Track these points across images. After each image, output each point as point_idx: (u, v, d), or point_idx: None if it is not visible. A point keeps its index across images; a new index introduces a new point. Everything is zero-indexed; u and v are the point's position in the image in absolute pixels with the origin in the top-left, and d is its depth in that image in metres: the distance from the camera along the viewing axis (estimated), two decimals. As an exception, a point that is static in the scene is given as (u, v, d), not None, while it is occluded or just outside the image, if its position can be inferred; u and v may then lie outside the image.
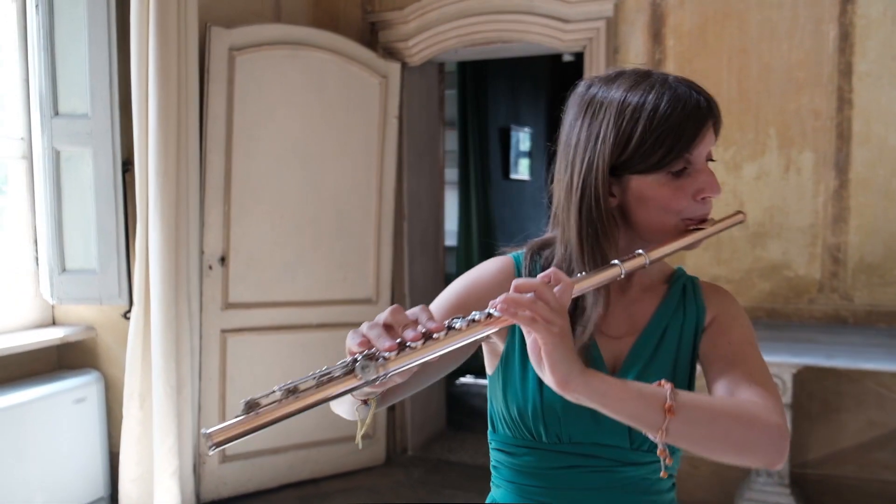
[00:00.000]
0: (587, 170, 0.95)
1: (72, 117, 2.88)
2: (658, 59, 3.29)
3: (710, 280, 3.11)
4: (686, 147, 0.94)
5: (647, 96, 0.94)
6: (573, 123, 0.99)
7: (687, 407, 0.81)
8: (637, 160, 0.94)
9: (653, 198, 0.95)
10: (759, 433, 0.84)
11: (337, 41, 3.55)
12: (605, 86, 0.98)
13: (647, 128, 0.92)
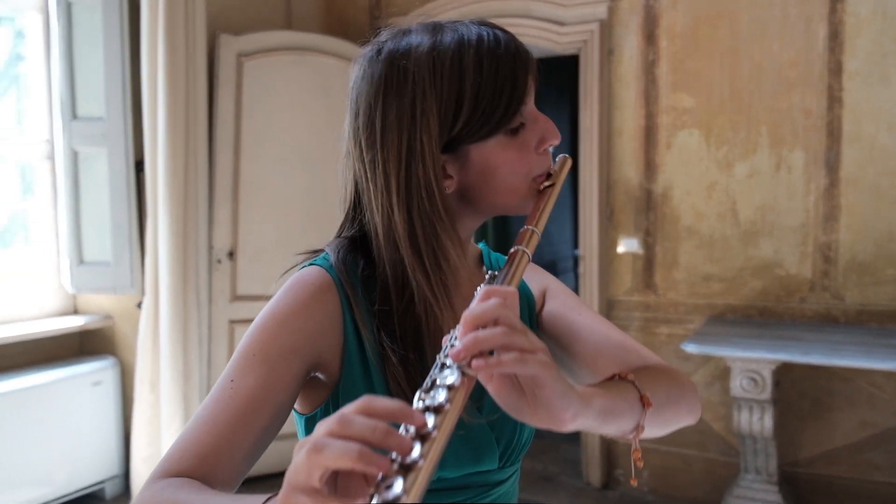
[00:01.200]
0: (409, 155, 0.78)
1: (89, 120, 3.10)
2: (651, 59, 3.34)
3: (703, 277, 3.14)
4: (521, 97, 0.81)
5: (462, 50, 0.78)
6: (374, 100, 0.80)
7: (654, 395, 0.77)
8: (473, 126, 0.79)
9: (499, 164, 0.81)
10: (690, 396, 0.85)
11: (342, 46, 3.70)
12: (399, 39, 0.82)
13: (478, 84, 0.78)
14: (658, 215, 3.36)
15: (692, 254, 3.30)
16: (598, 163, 3.40)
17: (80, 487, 3.19)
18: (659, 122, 3.33)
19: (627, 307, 3.44)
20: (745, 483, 3.02)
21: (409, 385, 0.79)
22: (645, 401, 0.75)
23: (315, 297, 0.82)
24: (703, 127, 3.25)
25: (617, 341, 0.90)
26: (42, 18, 3.20)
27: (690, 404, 0.85)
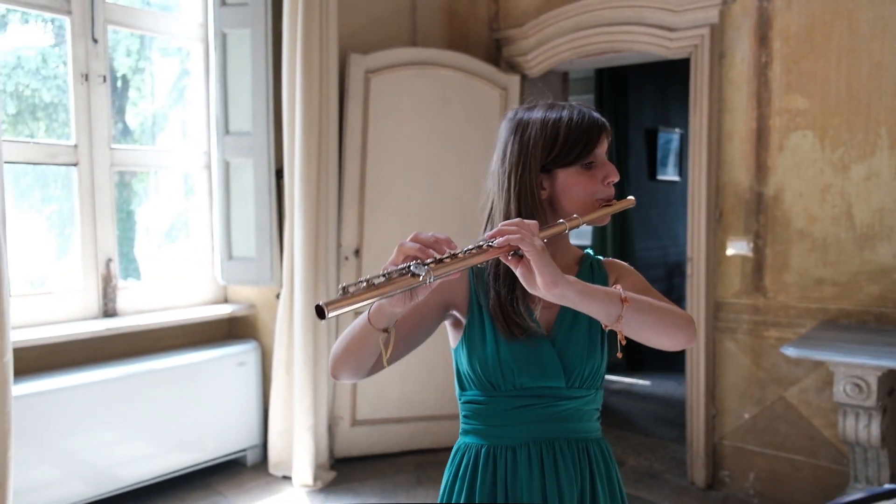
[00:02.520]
0: (523, 171, 1.27)
1: (238, 135, 3.56)
2: (764, 61, 3.33)
3: (816, 281, 3.13)
4: (593, 145, 1.29)
5: (562, 112, 1.30)
6: (507, 140, 1.32)
7: (635, 299, 1.15)
8: (561, 157, 1.27)
9: (574, 184, 1.28)
10: (681, 319, 1.21)
11: (460, 59, 3.95)
12: (527, 111, 1.33)
13: (566, 133, 1.27)
14: (769, 218, 3.34)
15: (804, 257, 3.25)
16: (706, 166, 3.44)
17: (226, 453, 3.66)
18: (771, 124, 3.32)
19: (735, 309, 3.44)
20: (853, 492, 2.96)
21: (503, 312, 1.28)
22: (623, 299, 1.12)
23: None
24: (817, 128, 3.20)
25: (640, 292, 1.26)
26: (203, 48, 3.71)
27: (678, 323, 1.20)
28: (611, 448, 1.40)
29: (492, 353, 1.28)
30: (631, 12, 3.68)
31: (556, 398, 1.29)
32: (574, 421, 1.31)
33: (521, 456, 1.29)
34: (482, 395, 1.32)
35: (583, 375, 1.31)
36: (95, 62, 3.29)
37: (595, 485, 1.32)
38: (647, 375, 5.65)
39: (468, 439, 1.35)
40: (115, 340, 3.43)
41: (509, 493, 1.29)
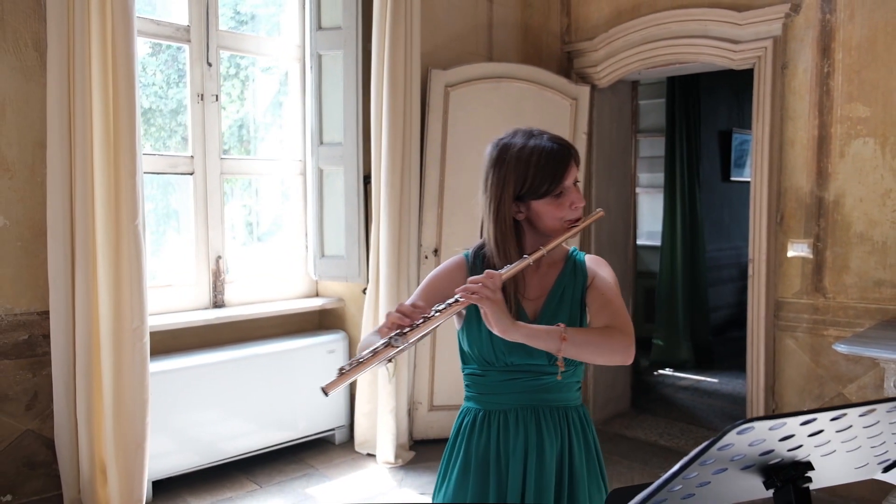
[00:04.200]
0: (500, 201, 1.54)
1: (331, 145, 3.95)
2: (826, 72, 3.47)
3: (875, 283, 3.28)
4: (560, 179, 1.53)
5: (535, 148, 1.53)
6: (489, 170, 1.58)
7: (573, 337, 1.45)
8: (532, 191, 1.53)
9: (545, 212, 1.54)
10: (614, 344, 1.48)
11: (533, 72, 4.23)
12: (508, 144, 1.57)
13: (535, 172, 1.52)
14: (829, 221, 3.48)
15: (864, 259, 3.38)
16: (768, 171, 3.60)
17: (317, 432, 4.07)
18: (832, 131, 3.45)
19: (796, 309, 3.59)
20: (910, 486, 3.09)
21: None
22: (562, 338, 1.42)
23: (453, 264, 1.68)
24: (878, 136, 3.33)
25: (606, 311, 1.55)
26: (299, 66, 4.13)
27: (611, 349, 1.47)
28: (588, 414, 1.67)
29: (487, 338, 1.56)
30: (696, 25, 3.87)
31: (540, 373, 1.57)
32: (555, 392, 1.58)
33: (511, 419, 1.58)
34: (479, 369, 1.61)
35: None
36: (209, 83, 3.75)
37: (572, 443, 1.59)
38: (715, 373, 5.77)
39: (469, 404, 1.65)
40: (223, 328, 3.88)
41: (501, 448, 1.58)
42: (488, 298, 1.40)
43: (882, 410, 0.94)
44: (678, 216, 5.84)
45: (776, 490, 1.05)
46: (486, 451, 1.59)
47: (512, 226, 1.56)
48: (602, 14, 4.33)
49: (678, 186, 5.83)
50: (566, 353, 1.44)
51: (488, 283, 1.41)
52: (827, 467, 1.09)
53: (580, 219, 1.57)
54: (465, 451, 1.61)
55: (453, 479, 1.62)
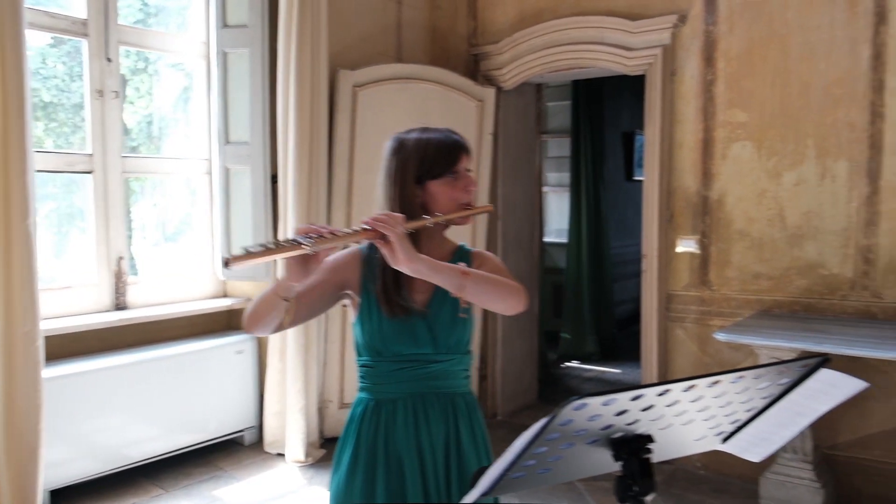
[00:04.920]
0: (402, 183, 1.62)
1: (237, 144, 3.93)
2: (710, 79, 3.71)
3: (753, 276, 3.49)
4: (455, 162, 1.64)
5: (431, 136, 1.65)
6: (391, 159, 1.65)
7: (475, 274, 1.52)
8: (430, 172, 1.62)
9: (441, 193, 1.63)
10: (512, 289, 1.57)
11: (440, 73, 4.33)
12: (406, 136, 1.67)
13: (434, 153, 1.62)
14: (713, 219, 3.73)
15: (743, 254, 3.64)
16: (659, 171, 3.82)
17: (226, 433, 4.04)
18: (715, 135, 3.70)
19: (684, 301, 3.83)
20: (783, 461, 3.36)
21: (386, 295, 1.62)
22: (465, 273, 1.50)
23: (349, 253, 1.70)
24: (755, 140, 3.59)
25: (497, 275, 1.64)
26: (205, 64, 4.08)
27: (509, 292, 1.57)
28: (476, 400, 1.76)
29: (377, 327, 1.63)
30: (594, 32, 4.06)
31: (427, 362, 1.65)
32: (442, 379, 1.67)
33: (399, 407, 1.65)
34: (371, 360, 1.67)
35: (448, 343, 1.66)
36: (109, 79, 3.66)
37: (459, 428, 1.67)
38: (619, 364, 6.04)
39: (362, 394, 1.70)
40: (126, 331, 3.79)
41: (389, 435, 1.64)
42: (392, 226, 1.44)
43: (703, 385, 1.06)
44: (583, 214, 6.07)
45: (623, 462, 1.17)
46: (375, 439, 1.65)
47: (415, 209, 1.62)
48: (507, 18, 4.47)
49: (583, 185, 6.07)
50: (467, 291, 1.49)
51: (393, 216, 1.47)
52: (668, 440, 1.21)
53: (472, 204, 1.67)
54: (356, 441, 1.67)
55: (343, 469, 1.67)
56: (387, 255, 1.46)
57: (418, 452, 1.64)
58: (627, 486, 1.15)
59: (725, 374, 1.07)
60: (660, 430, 1.15)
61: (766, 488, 3.39)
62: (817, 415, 1.26)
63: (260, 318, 1.55)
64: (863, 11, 3.26)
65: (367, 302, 1.65)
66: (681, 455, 1.34)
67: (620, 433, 1.12)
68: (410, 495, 1.63)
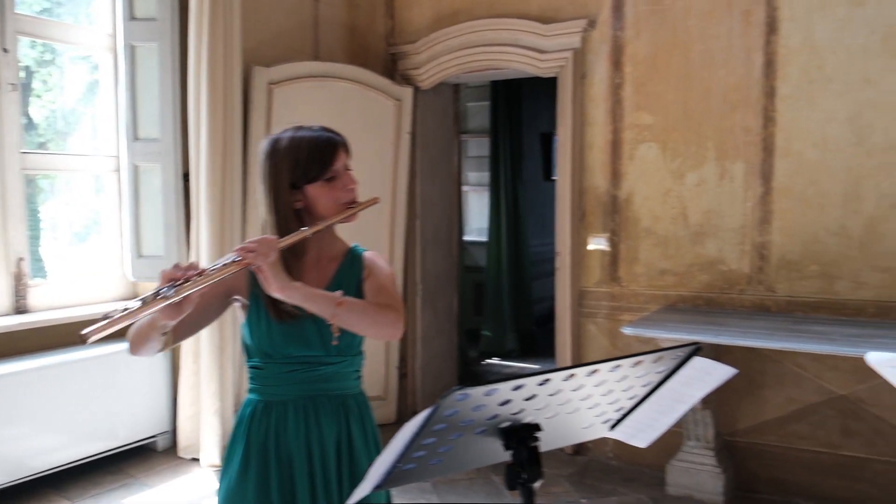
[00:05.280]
0: (276, 190, 1.59)
1: (147, 141, 3.82)
2: (618, 82, 3.85)
3: (659, 272, 3.64)
4: (330, 162, 1.60)
5: (303, 137, 1.60)
6: (264, 163, 1.62)
7: (348, 303, 1.52)
8: (305, 176, 1.58)
9: (320, 196, 1.60)
10: (386, 319, 1.57)
11: (358, 72, 4.32)
12: (279, 137, 1.62)
13: (306, 156, 1.58)
14: (622, 218, 3.87)
15: (650, 251, 3.80)
16: (570, 171, 3.94)
17: (138, 439, 3.92)
18: (623, 137, 3.85)
19: (596, 297, 3.96)
20: (688, 448, 3.53)
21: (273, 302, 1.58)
22: (339, 303, 1.50)
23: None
24: (660, 141, 3.75)
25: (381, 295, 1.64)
26: (112, 57, 3.94)
27: (382, 323, 1.57)
28: (367, 400, 1.76)
29: (265, 331, 1.62)
30: (508, 34, 4.14)
31: (318, 364, 1.64)
32: (334, 381, 1.66)
33: (290, 408, 1.64)
34: (260, 362, 1.66)
35: (339, 346, 1.64)
36: (6, 71, 3.49)
37: (350, 429, 1.68)
38: (538, 360, 6.17)
39: (252, 396, 1.69)
40: (28, 336, 3.62)
41: (280, 437, 1.63)
42: (263, 255, 1.42)
43: (582, 375, 1.12)
44: (503, 213, 6.18)
45: (513, 451, 1.21)
46: (266, 440, 1.63)
47: (293, 215, 1.59)
48: (424, 18, 4.51)
49: (502, 185, 6.17)
50: (340, 320, 1.50)
51: (262, 243, 1.44)
52: (556, 428, 1.26)
53: (356, 201, 1.64)
54: (246, 442, 1.65)
55: (234, 470, 1.65)
56: (261, 282, 1.46)
57: (308, 454, 1.63)
58: (516, 474, 1.19)
59: (603, 363, 1.13)
60: (546, 419, 1.21)
61: (672, 475, 3.55)
62: (694, 401, 1.34)
63: (139, 346, 1.53)
64: (756, 22, 3.46)
65: (256, 306, 1.63)
66: (571, 443, 1.40)
67: (508, 422, 1.16)
68: (300, 498, 1.63)
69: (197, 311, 1.55)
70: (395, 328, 1.58)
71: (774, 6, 3.41)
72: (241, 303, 1.67)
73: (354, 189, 1.65)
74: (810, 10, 3.34)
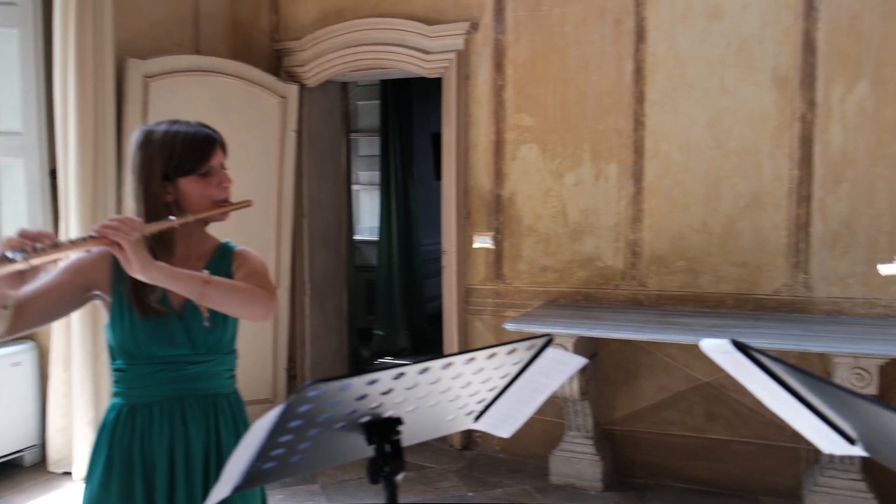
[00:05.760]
0: (148, 180, 1.55)
1: (7, 134, 3.57)
2: (500, 84, 3.95)
3: (541, 269, 3.68)
4: (206, 158, 1.58)
5: (180, 130, 1.58)
6: (136, 153, 1.57)
7: (216, 281, 1.49)
8: (179, 168, 1.55)
9: (193, 191, 1.57)
10: (257, 298, 1.55)
11: (241, 68, 4.22)
12: (154, 127, 1.60)
13: (182, 148, 1.55)
14: (505, 216, 3.98)
15: (532, 248, 3.93)
16: (455, 171, 4.01)
17: (1, 455, 3.66)
18: (506, 137, 3.96)
19: (482, 294, 4.06)
20: (569, 438, 3.68)
21: (136, 297, 1.55)
22: (206, 281, 1.47)
23: (96, 254, 1.58)
24: (540, 142, 3.88)
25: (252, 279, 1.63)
26: (-36, 45, 3.66)
27: (253, 302, 1.55)
28: (241, 400, 1.73)
29: (129, 329, 1.56)
30: (394, 34, 4.16)
31: (186, 363, 1.60)
32: (203, 380, 1.62)
33: (155, 411, 1.58)
34: (124, 363, 1.60)
35: (208, 343, 1.62)
36: None
37: (220, 431, 1.63)
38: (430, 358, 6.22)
39: (116, 399, 1.63)
40: None
41: (145, 442, 1.58)
42: (125, 232, 1.37)
43: (437, 368, 1.15)
44: (394, 212, 6.20)
45: (376, 445, 1.23)
46: (130, 446, 1.58)
47: (162, 207, 1.55)
48: (309, 15, 4.46)
49: (393, 184, 6.19)
50: (208, 299, 1.47)
51: (126, 220, 1.39)
52: (419, 421, 1.29)
53: (228, 200, 1.62)
54: (109, 448, 1.58)
55: (97, 478, 1.58)
56: (122, 262, 1.40)
57: (170, 459, 1.58)
58: (378, 468, 1.21)
59: (457, 356, 1.16)
60: (408, 413, 1.23)
61: (555, 465, 3.69)
62: (552, 390, 1.41)
63: None
64: (626, 31, 3.65)
65: (119, 303, 1.57)
66: (437, 435, 1.43)
67: (368, 417, 1.18)
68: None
69: (48, 300, 1.49)
70: (267, 308, 1.55)
71: (643, 16, 3.61)
72: (102, 300, 1.60)
73: (228, 188, 1.62)
74: (674, 22, 3.56)
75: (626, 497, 3.61)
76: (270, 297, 1.58)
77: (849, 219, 3.33)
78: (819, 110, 3.34)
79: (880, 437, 1.09)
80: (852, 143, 3.30)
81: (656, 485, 3.70)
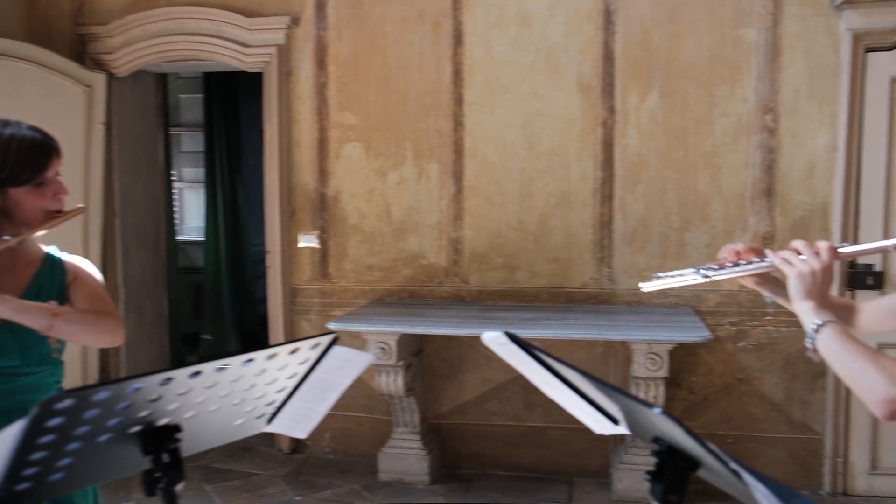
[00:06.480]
0: None
1: None
2: (323, 81, 3.91)
3: (367, 267, 3.71)
4: (43, 169, 1.52)
5: (13, 139, 1.49)
6: None
7: (66, 312, 1.49)
8: (12, 179, 1.49)
9: (25, 201, 1.51)
10: (107, 327, 1.56)
11: (37, 52, 3.85)
12: None
13: (15, 159, 1.49)
14: (331, 215, 3.95)
15: (358, 247, 3.93)
16: (279, 169, 3.92)
17: None
18: (329, 135, 3.92)
19: (308, 294, 4.00)
20: (396, 435, 3.72)
21: None
22: (55, 314, 1.45)
23: None
24: (363, 141, 3.89)
25: (95, 302, 1.62)
26: None
27: (101, 331, 1.57)
28: None
29: None
30: (211, 25, 3.99)
31: (15, 375, 1.54)
32: (33, 392, 1.55)
33: None
34: None
35: (40, 354, 1.56)
36: None
37: None
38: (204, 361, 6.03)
39: None
40: None
41: None
42: None
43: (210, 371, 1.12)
44: (220, 211, 5.94)
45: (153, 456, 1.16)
46: None
47: None
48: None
49: (219, 181, 5.94)
50: (58, 331, 1.45)
51: None
52: (202, 427, 1.24)
53: (62, 210, 1.57)
54: None
55: None
56: None
57: None
58: (154, 480, 1.15)
59: (234, 357, 1.13)
60: (187, 419, 1.18)
61: (383, 462, 3.71)
62: (343, 388, 1.41)
63: None
64: (445, 34, 3.75)
65: None
66: (227, 441, 1.38)
67: (139, 426, 1.12)
68: None
69: None
70: (116, 335, 1.57)
71: (460, 20, 3.73)
72: None
73: (63, 199, 1.57)
74: (489, 27, 3.70)
75: (453, 489, 3.72)
76: (118, 323, 1.57)
77: (644, 217, 3.64)
78: (618, 116, 3.62)
79: (629, 417, 1.19)
80: (646, 148, 3.61)
81: (482, 475, 3.84)
